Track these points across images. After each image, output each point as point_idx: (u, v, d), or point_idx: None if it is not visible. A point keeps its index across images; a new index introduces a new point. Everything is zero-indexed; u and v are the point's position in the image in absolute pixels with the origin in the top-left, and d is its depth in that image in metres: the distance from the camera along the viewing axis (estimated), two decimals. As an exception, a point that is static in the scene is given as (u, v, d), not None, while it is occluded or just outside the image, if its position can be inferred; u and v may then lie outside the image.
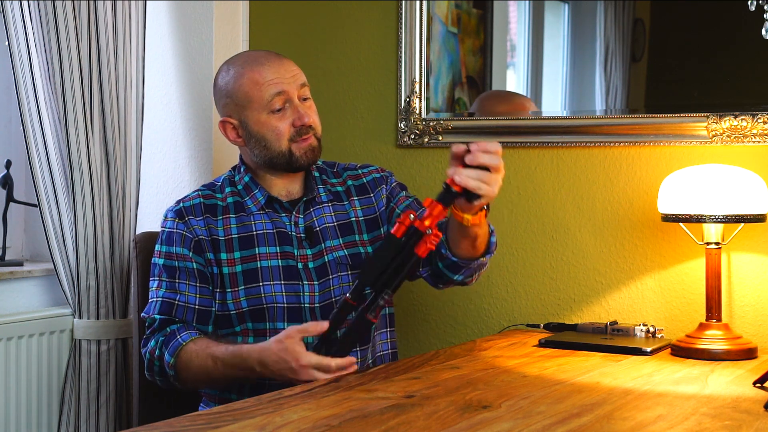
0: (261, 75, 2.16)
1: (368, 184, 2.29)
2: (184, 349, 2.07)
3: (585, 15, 2.71)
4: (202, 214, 2.19)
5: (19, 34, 2.53)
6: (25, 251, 2.90)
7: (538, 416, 1.63)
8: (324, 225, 2.21)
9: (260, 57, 2.21)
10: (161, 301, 2.15)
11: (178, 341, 2.08)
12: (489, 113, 2.74)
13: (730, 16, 2.45)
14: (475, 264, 2.12)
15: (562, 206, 2.61)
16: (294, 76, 2.19)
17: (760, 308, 2.39)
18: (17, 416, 2.57)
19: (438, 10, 2.77)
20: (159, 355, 2.11)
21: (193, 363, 2.06)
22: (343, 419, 1.59)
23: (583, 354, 2.22)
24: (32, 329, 2.61)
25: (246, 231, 2.18)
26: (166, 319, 2.13)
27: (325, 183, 2.28)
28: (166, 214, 2.22)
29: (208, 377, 2.07)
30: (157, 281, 2.18)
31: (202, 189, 2.25)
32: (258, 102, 2.16)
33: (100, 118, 2.61)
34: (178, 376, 2.09)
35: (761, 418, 1.62)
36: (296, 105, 2.17)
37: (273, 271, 2.15)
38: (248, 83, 2.17)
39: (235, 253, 2.16)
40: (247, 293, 2.14)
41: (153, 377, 2.17)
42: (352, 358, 1.95)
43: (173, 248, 2.17)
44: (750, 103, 2.38)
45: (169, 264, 2.17)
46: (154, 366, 2.13)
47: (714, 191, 2.24)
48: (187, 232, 2.17)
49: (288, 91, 2.17)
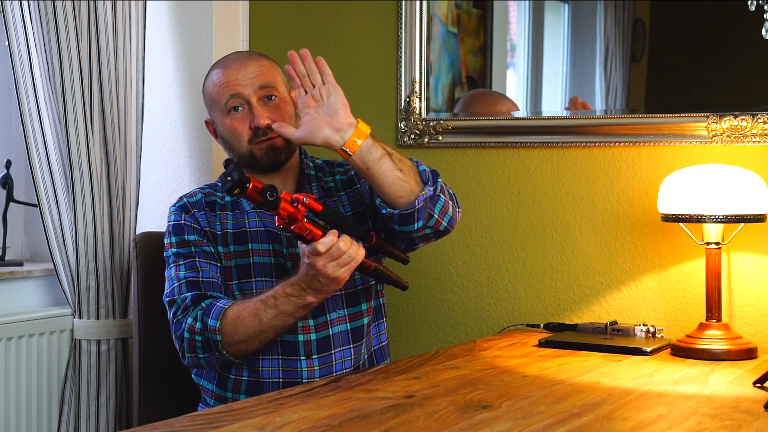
0: (220, 77, 2.19)
1: (355, 176, 2.29)
2: (230, 309, 2.04)
3: (585, 15, 2.71)
4: (203, 208, 2.21)
5: (19, 34, 2.53)
6: (25, 251, 2.91)
7: (538, 416, 1.63)
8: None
9: (230, 59, 2.23)
10: (186, 282, 2.11)
11: (219, 306, 2.05)
12: (474, 112, 2.74)
13: (730, 16, 2.45)
14: (419, 203, 2.05)
15: (562, 206, 2.61)
16: (255, 77, 2.18)
17: (760, 308, 2.39)
18: (17, 416, 2.57)
19: (438, 10, 2.77)
20: (201, 327, 2.04)
21: (242, 316, 2.02)
22: (343, 419, 1.59)
23: (583, 354, 2.22)
24: (32, 329, 2.61)
25: (240, 227, 2.19)
26: (198, 295, 2.09)
27: (319, 180, 2.28)
28: (170, 210, 2.23)
29: (260, 325, 2.02)
30: (174, 267, 2.15)
31: (203, 187, 2.28)
32: (219, 104, 2.19)
33: (100, 118, 2.61)
34: (226, 339, 2.03)
35: (761, 418, 1.62)
36: (253, 106, 2.16)
37: (265, 267, 2.16)
38: (211, 85, 2.21)
39: (230, 247, 2.17)
40: (240, 288, 2.15)
41: (196, 358, 2.08)
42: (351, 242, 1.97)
43: (185, 236, 2.17)
44: (750, 103, 2.38)
45: (184, 250, 2.16)
46: (197, 342, 2.06)
47: (714, 191, 2.24)
48: (194, 223, 2.18)
49: (243, 94, 2.16)
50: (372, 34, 2.83)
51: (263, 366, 2.12)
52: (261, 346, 2.08)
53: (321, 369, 2.12)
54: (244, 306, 2.04)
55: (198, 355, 2.07)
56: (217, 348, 2.05)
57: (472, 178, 2.71)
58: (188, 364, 2.13)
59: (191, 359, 2.10)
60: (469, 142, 2.69)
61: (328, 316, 2.15)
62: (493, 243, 2.68)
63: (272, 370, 2.12)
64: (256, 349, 2.08)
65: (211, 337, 2.04)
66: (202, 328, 2.05)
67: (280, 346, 2.12)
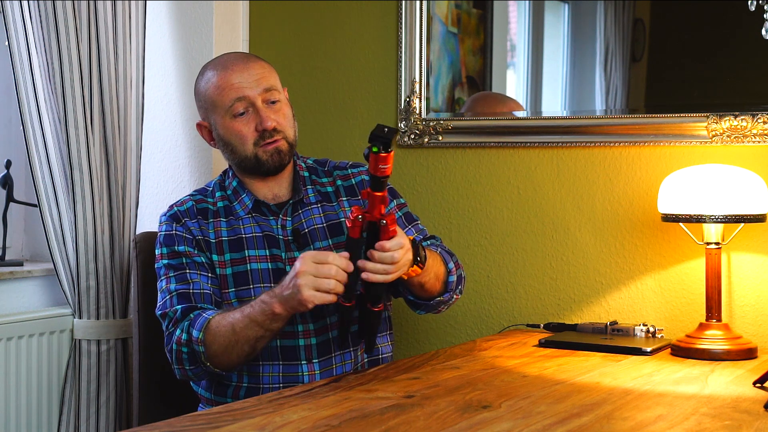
0: (224, 80, 2.17)
1: (356, 186, 2.28)
2: (213, 319, 2.03)
3: (585, 15, 2.71)
4: (195, 216, 2.19)
5: (19, 34, 2.53)
6: (25, 251, 2.91)
7: (538, 416, 1.63)
8: (313, 226, 2.20)
9: (228, 61, 2.21)
10: (176, 294, 2.11)
11: (204, 317, 2.04)
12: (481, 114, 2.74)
13: (730, 16, 2.45)
14: (432, 302, 2.18)
15: (562, 206, 2.61)
16: (259, 79, 2.17)
17: (760, 308, 2.39)
18: (17, 416, 2.57)
19: (438, 10, 2.77)
20: (186, 339, 2.04)
21: (220, 326, 2.01)
22: (343, 419, 1.59)
23: (583, 354, 2.22)
24: (32, 329, 2.61)
25: (235, 234, 2.17)
26: (187, 307, 2.09)
27: (314, 183, 2.26)
28: (161, 219, 2.22)
29: (234, 335, 2.00)
30: (165, 279, 2.15)
31: (194, 194, 2.26)
32: (221, 107, 2.17)
33: (100, 118, 2.61)
34: (207, 351, 2.02)
35: (761, 418, 1.62)
36: (259, 108, 2.16)
37: (263, 273, 2.15)
38: (212, 88, 2.18)
39: (225, 255, 2.15)
40: (238, 295, 2.13)
41: (183, 370, 2.08)
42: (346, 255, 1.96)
43: (176, 247, 2.16)
44: (750, 103, 2.38)
45: (175, 262, 2.15)
46: (183, 354, 2.06)
47: (714, 191, 2.24)
48: (186, 233, 2.17)
49: (249, 96, 2.15)
50: (372, 34, 2.83)
51: (263, 372, 2.11)
52: (241, 360, 2.05)
53: (322, 373, 2.11)
54: (225, 316, 2.03)
55: (185, 367, 2.08)
56: (201, 359, 2.05)
57: (472, 178, 2.71)
58: (179, 377, 2.13)
59: (180, 371, 2.10)
60: (469, 142, 2.69)
61: (328, 320, 2.13)
62: (493, 243, 2.68)
63: (272, 375, 2.11)
64: (237, 363, 2.06)
65: (195, 349, 2.04)
66: (187, 339, 2.05)
67: (281, 351, 2.11)
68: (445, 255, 2.19)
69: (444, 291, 2.17)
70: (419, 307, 2.22)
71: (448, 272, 2.17)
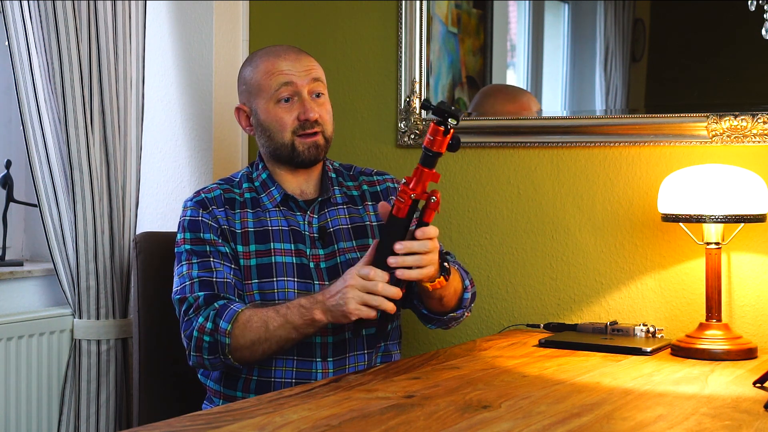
0: (274, 65, 2.20)
1: (381, 193, 2.30)
2: (242, 313, 2.03)
3: (585, 15, 2.71)
4: (223, 205, 2.19)
5: (19, 34, 2.53)
6: (25, 251, 2.91)
7: (538, 416, 1.63)
8: (338, 226, 2.21)
9: (280, 50, 2.25)
10: (199, 281, 2.10)
11: (233, 309, 2.04)
12: (491, 110, 2.74)
13: (730, 16, 2.45)
14: (446, 318, 2.19)
15: (562, 206, 2.61)
16: (308, 70, 2.21)
17: (760, 308, 2.39)
18: (17, 416, 2.57)
19: (438, 10, 2.77)
20: (211, 328, 2.03)
21: (252, 321, 2.02)
22: (343, 419, 1.59)
23: (583, 354, 2.22)
24: (32, 329, 2.61)
25: (262, 226, 2.17)
26: (211, 294, 2.08)
27: (341, 185, 2.28)
28: (186, 204, 2.20)
29: (266, 332, 2.01)
30: (186, 265, 2.13)
31: (221, 183, 2.25)
32: (267, 91, 2.19)
33: (100, 118, 2.61)
34: (233, 343, 2.02)
35: (761, 418, 1.62)
36: (304, 98, 2.19)
37: (287, 267, 2.14)
38: (260, 72, 2.21)
39: (250, 246, 2.15)
40: (260, 287, 2.13)
41: (201, 358, 2.07)
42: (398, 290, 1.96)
43: (200, 234, 2.15)
44: (750, 103, 2.38)
45: (198, 248, 2.14)
46: (204, 343, 2.05)
47: (714, 191, 2.24)
48: (212, 221, 2.16)
49: (296, 83, 2.18)
50: (372, 34, 2.83)
51: (276, 365, 2.11)
52: (263, 357, 2.06)
53: (335, 372, 2.11)
54: (257, 312, 2.03)
55: (204, 355, 2.07)
56: (224, 351, 2.04)
57: (472, 178, 2.71)
58: (193, 364, 2.11)
59: (196, 359, 2.09)
60: (469, 142, 2.69)
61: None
62: (493, 243, 2.68)
63: (286, 370, 2.11)
64: (258, 359, 2.07)
65: (219, 339, 2.03)
66: (213, 328, 2.04)
67: (296, 347, 2.10)
68: (462, 271, 2.20)
69: (458, 307, 2.18)
70: (432, 321, 2.22)
71: (464, 288, 2.18)
